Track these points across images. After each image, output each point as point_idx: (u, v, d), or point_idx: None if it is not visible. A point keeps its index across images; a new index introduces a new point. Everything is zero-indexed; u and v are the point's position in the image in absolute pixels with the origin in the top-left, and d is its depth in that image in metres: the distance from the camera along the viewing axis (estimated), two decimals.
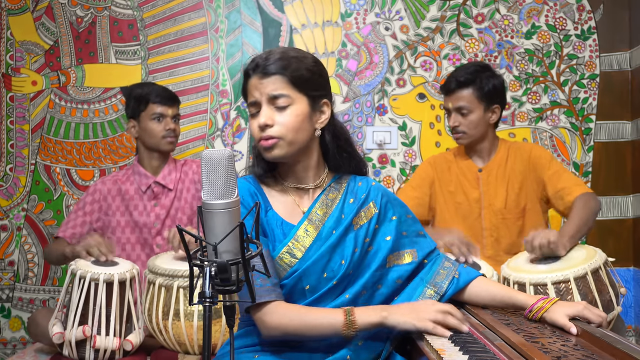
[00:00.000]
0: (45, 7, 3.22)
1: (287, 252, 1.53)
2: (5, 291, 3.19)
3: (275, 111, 1.51)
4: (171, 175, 2.73)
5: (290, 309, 1.47)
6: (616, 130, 3.31)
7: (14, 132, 3.21)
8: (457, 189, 2.59)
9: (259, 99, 1.52)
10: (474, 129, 2.50)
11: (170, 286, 2.14)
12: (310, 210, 1.59)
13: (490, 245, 2.53)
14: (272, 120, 1.51)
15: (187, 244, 1.15)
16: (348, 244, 1.56)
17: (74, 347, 2.11)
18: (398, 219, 1.63)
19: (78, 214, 2.68)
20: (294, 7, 3.27)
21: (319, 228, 1.57)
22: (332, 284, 1.53)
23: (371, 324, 1.45)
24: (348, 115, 3.24)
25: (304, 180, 1.61)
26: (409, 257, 1.61)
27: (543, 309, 1.47)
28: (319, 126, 1.58)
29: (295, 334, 1.47)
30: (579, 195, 2.37)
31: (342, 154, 1.63)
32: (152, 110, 2.65)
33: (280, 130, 1.51)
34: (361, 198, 1.61)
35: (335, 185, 1.64)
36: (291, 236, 1.55)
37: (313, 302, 1.53)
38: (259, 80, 1.51)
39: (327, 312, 1.47)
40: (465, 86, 2.48)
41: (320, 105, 1.58)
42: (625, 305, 3.23)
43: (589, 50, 3.31)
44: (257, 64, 1.52)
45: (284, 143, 1.52)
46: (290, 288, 1.53)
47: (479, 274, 1.64)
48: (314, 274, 1.52)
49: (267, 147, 1.52)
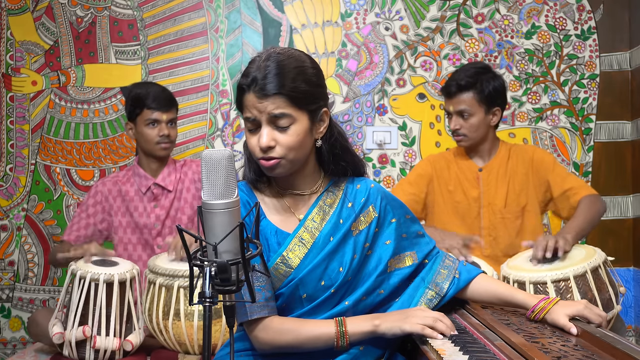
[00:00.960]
0: (45, 7, 3.22)
1: (282, 262, 1.49)
2: (5, 291, 3.19)
3: (275, 130, 1.44)
4: (170, 176, 2.72)
5: (283, 324, 1.45)
6: (616, 130, 3.31)
7: (14, 132, 3.21)
8: (456, 187, 2.59)
9: (259, 118, 1.44)
10: (474, 132, 2.50)
11: (171, 286, 2.14)
12: (307, 217, 1.54)
13: (488, 244, 2.53)
14: (274, 142, 1.44)
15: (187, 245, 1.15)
16: (347, 251, 1.53)
17: (74, 347, 2.11)
18: (397, 221, 1.60)
19: (81, 217, 2.68)
20: (294, 7, 3.27)
21: (315, 236, 1.53)
22: (330, 292, 1.50)
23: (363, 333, 1.44)
24: (348, 115, 3.24)
25: (300, 187, 1.56)
26: (410, 260, 1.60)
27: (545, 309, 1.46)
28: (318, 136, 1.52)
29: (288, 348, 1.46)
30: (585, 196, 2.38)
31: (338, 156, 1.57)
32: (146, 115, 2.62)
33: (282, 152, 1.44)
34: (360, 202, 1.57)
35: (332, 189, 1.59)
36: (286, 245, 1.51)
37: (311, 310, 1.51)
38: (258, 99, 1.42)
39: (319, 324, 1.45)
40: (466, 90, 2.47)
41: (320, 116, 1.51)
42: (625, 305, 3.23)
43: (589, 50, 3.31)
44: (255, 81, 1.42)
45: (286, 162, 1.46)
46: (287, 297, 1.50)
47: (479, 272, 1.63)
48: (310, 282, 1.50)
49: (269, 167, 1.46)
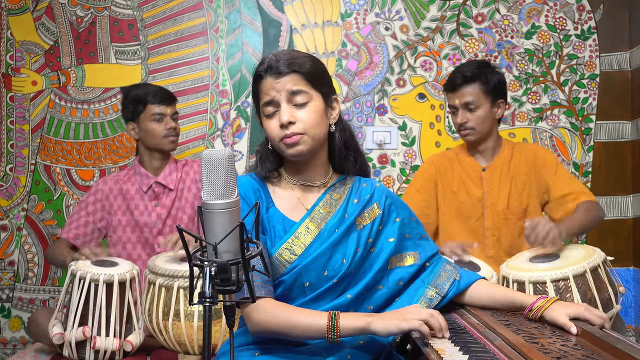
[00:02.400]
0: (45, 7, 3.22)
1: (287, 248, 1.53)
2: (5, 291, 3.19)
3: (294, 109, 1.53)
4: (172, 175, 2.73)
5: (278, 307, 1.47)
6: (616, 130, 3.31)
7: (14, 132, 3.21)
8: (460, 188, 2.58)
9: (277, 98, 1.53)
10: (482, 124, 2.49)
11: (171, 286, 2.14)
12: (314, 208, 1.59)
13: (491, 245, 2.53)
14: (294, 118, 1.52)
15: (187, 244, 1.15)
16: (350, 243, 1.56)
17: (74, 348, 2.11)
18: (401, 221, 1.63)
19: (81, 214, 2.68)
20: (294, 7, 3.27)
21: (320, 226, 1.57)
22: (333, 283, 1.53)
23: (355, 329, 1.43)
24: (348, 115, 3.24)
25: (311, 178, 1.63)
26: (411, 259, 1.62)
27: (543, 307, 1.46)
28: (332, 121, 1.62)
29: (279, 332, 1.46)
30: (582, 202, 2.38)
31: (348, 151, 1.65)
32: (151, 111, 2.65)
33: (303, 127, 1.53)
34: (365, 199, 1.62)
35: (340, 185, 1.65)
36: (292, 233, 1.55)
37: (313, 300, 1.53)
38: (275, 79, 1.53)
39: (313, 314, 1.46)
40: (472, 81, 2.47)
41: (331, 101, 1.61)
42: (625, 305, 3.23)
43: (589, 50, 3.31)
44: (270, 65, 1.54)
45: (308, 138, 1.53)
46: (290, 284, 1.53)
47: (480, 277, 1.65)
48: (313, 270, 1.52)
49: (291, 144, 1.53)
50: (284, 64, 1.52)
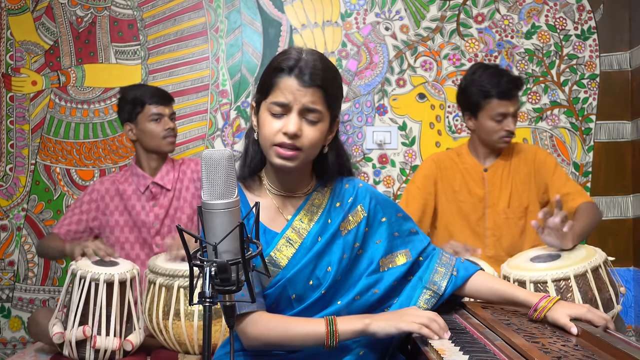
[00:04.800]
0: (45, 7, 3.22)
1: (270, 262, 1.48)
2: (5, 291, 3.19)
3: (303, 122, 1.45)
4: (169, 175, 2.73)
5: (272, 319, 1.44)
6: (616, 130, 3.31)
7: (14, 132, 3.21)
8: (461, 188, 2.58)
9: (292, 104, 1.44)
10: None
11: (171, 286, 2.14)
12: (294, 218, 1.53)
13: (492, 245, 2.53)
14: (300, 132, 1.44)
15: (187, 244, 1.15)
16: (335, 250, 1.52)
17: (74, 347, 2.11)
18: (388, 220, 1.59)
19: (75, 212, 2.69)
20: (294, 7, 3.27)
21: (303, 236, 1.52)
22: (321, 293, 1.49)
23: (354, 332, 1.41)
24: (348, 115, 3.24)
25: (293, 188, 1.56)
26: (403, 258, 1.59)
27: (546, 308, 1.45)
28: (326, 143, 1.54)
29: (276, 345, 1.44)
30: (583, 202, 2.38)
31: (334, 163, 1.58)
32: (149, 111, 2.65)
33: (304, 143, 1.45)
34: (348, 202, 1.57)
35: (320, 189, 1.58)
36: (273, 246, 1.50)
37: (301, 312, 1.49)
38: (298, 86, 1.43)
39: (309, 322, 1.43)
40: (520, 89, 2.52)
41: (334, 125, 1.55)
42: (625, 305, 3.23)
43: (589, 50, 3.31)
44: (301, 69, 1.44)
45: (303, 156, 1.47)
46: (275, 298, 1.49)
47: (477, 268, 1.62)
48: (299, 282, 1.49)
49: (286, 157, 1.45)
50: (313, 73, 1.43)
